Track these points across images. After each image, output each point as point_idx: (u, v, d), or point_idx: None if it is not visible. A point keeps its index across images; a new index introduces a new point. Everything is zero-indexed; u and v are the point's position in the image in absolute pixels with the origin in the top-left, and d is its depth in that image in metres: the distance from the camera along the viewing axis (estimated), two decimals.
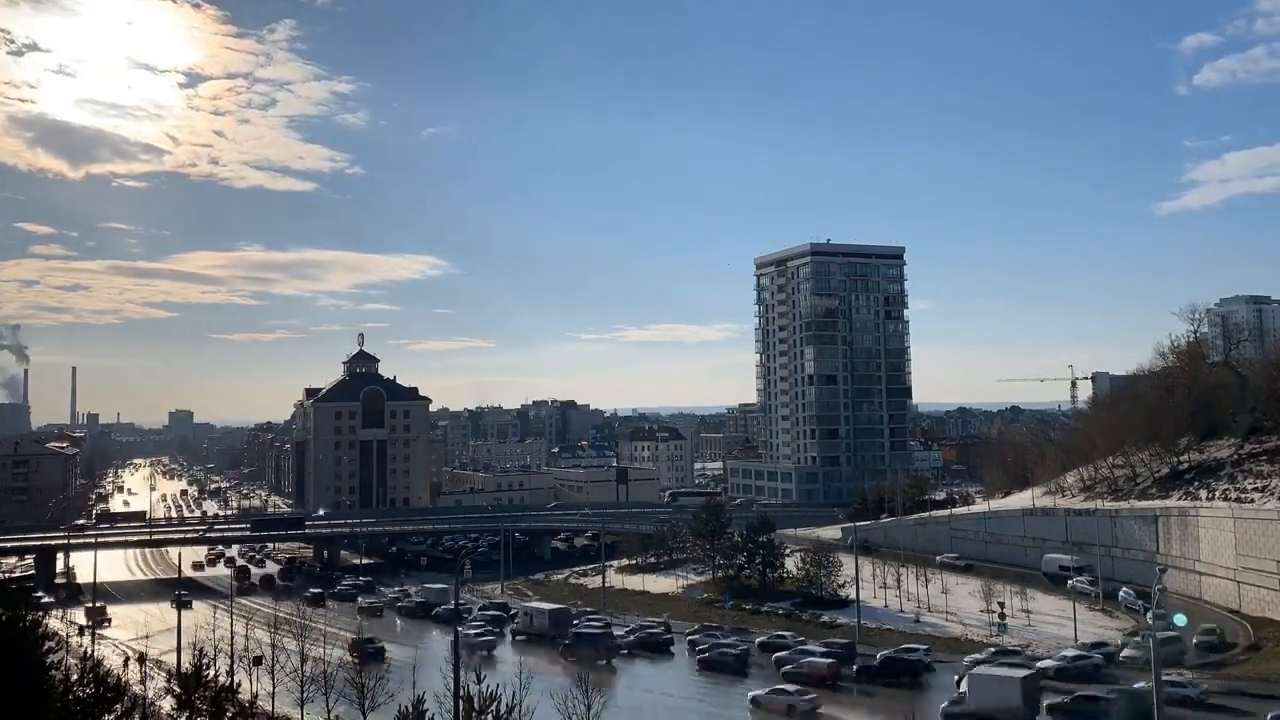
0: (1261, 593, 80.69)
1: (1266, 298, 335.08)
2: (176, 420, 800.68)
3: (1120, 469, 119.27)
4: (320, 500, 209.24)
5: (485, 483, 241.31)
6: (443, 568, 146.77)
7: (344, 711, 53.08)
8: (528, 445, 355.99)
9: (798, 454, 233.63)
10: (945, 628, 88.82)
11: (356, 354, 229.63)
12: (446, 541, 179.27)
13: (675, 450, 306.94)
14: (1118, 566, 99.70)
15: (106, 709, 41.19)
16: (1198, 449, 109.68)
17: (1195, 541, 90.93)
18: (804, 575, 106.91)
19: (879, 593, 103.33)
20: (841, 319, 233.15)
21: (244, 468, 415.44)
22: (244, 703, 50.00)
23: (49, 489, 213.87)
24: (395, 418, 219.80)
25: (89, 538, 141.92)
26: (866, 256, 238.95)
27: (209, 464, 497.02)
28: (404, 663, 66.56)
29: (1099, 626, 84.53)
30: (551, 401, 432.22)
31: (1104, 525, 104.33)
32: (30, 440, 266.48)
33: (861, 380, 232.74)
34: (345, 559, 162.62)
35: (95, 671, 44.67)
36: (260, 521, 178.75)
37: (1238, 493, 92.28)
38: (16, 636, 41.01)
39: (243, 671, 60.14)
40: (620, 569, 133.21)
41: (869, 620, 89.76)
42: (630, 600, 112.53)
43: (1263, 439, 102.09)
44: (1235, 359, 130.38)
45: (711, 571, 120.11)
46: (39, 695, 38.46)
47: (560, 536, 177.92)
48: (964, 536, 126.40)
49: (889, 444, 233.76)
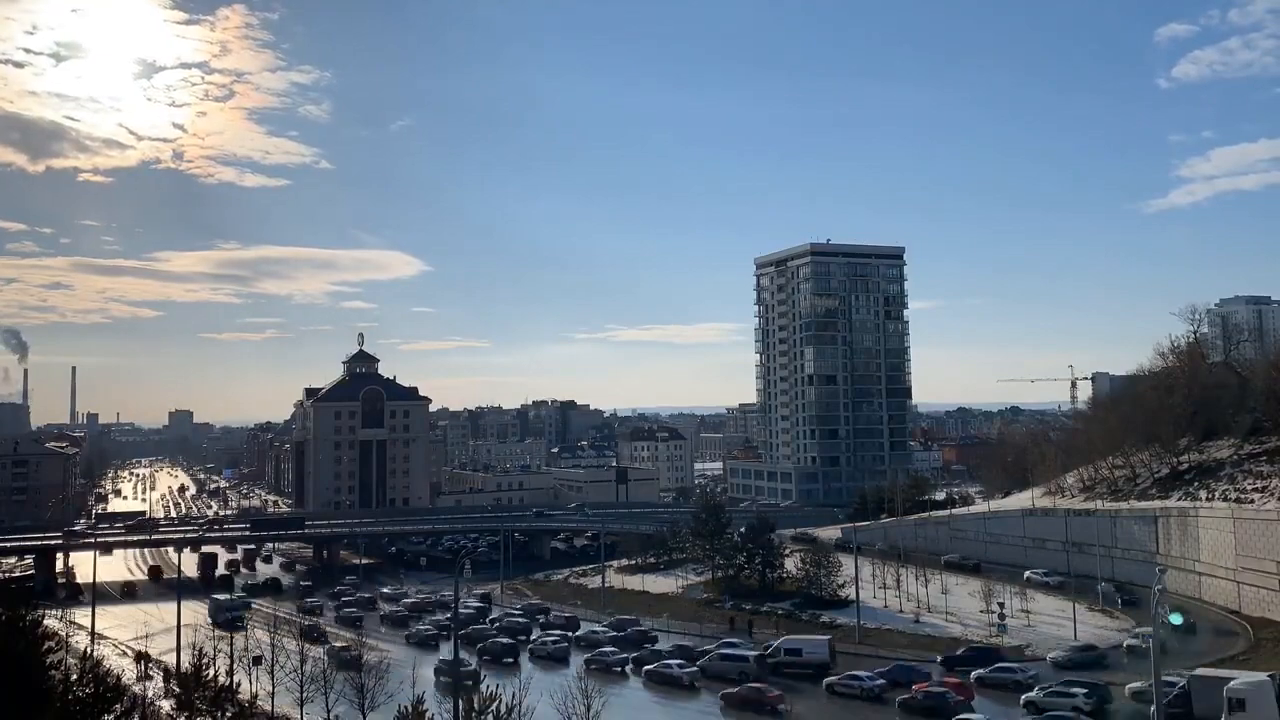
0: (1261, 593, 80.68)
1: (1266, 298, 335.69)
2: (176, 420, 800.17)
3: (1120, 469, 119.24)
4: (320, 500, 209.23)
5: (485, 483, 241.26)
6: (442, 568, 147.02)
7: (344, 711, 53.09)
8: (528, 445, 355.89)
9: (797, 454, 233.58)
10: (945, 628, 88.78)
11: (356, 354, 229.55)
12: (446, 541, 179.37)
13: (675, 450, 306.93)
14: (1118, 567, 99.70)
15: (106, 709, 41.14)
16: (1198, 449, 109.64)
17: (1195, 542, 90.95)
18: (804, 575, 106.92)
19: (879, 593, 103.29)
20: (841, 319, 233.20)
21: (244, 468, 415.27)
22: (243, 702, 50.01)
23: (49, 489, 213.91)
24: (395, 418, 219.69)
25: (88, 538, 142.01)
26: (866, 256, 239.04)
27: (209, 464, 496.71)
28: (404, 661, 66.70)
29: (1098, 626, 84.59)
30: (551, 401, 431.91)
31: (1104, 526, 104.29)
32: (30, 440, 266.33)
33: (861, 380, 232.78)
34: (345, 558, 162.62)
35: (95, 671, 44.61)
36: (260, 521, 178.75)
37: (1237, 493, 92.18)
38: (16, 636, 40.96)
39: (242, 671, 60.12)
40: (620, 569, 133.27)
41: (869, 620, 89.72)
42: (630, 600, 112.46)
43: (1263, 439, 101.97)
44: (1235, 359, 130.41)
45: (711, 572, 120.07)
46: (39, 695, 38.44)
47: (560, 536, 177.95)
48: (963, 537, 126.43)
49: (889, 444, 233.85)
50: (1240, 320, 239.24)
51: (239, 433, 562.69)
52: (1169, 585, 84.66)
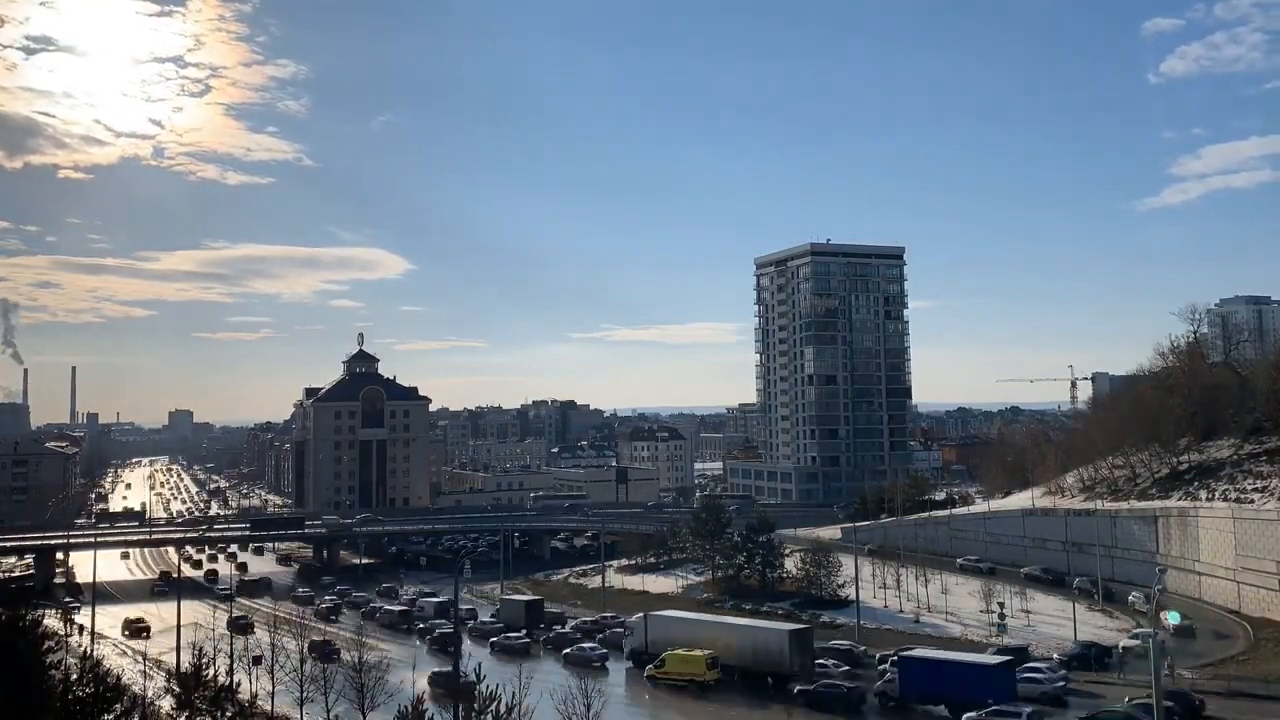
0: (1261, 593, 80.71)
1: (1266, 298, 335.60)
2: (176, 420, 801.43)
3: (1120, 469, 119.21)
4: (320, 500, 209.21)
5: (485, 483, 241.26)
6: (442, 567, 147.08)
7: (344, 711, 53.06)
8: (528, 445, 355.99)
9: (797, 454, 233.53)
10: (945, 628, 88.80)
11: (356, 353, 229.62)
12: (446, 541, 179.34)
13: (675, 450, 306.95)
14: (1117, 567, 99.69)
15: (106, 708, 41.16)
16: (1198, 449, 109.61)
17: (1195, 542, 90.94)
18: (804, 575, 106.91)
19: (879, 593, 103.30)
20: (841, 319, 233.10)
21: (244, 467, 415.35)
22: (243, 702, 49.94)
23: (49, 489, 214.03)
24: (395, 417, 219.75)
25: (88, 537, 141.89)
26: (866, 256, 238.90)
27: (209, 463, 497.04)
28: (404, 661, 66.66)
29: (1098, 626, 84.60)
30: (551, 401, 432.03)
31: (1104, 526, 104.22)
32: (30, 440, 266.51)
33: (861, 380, 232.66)
34: (345, 558, 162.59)
35: (95, 671, 44.62)
36: (260, 521, 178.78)
37: (1237, 493, 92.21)
38: (16, 636, 41.00)
39: (242, 671, 60.06)
40: (620, 569, 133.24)
41: (869, 621, 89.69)
42: (630, 600, 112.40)
43: (1263, 439, 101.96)
44: (1235, 359, 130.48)
45: (711, 571, 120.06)
46: (39, 695, 38.46)
47: (560, 536, 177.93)
48: (963, 537, 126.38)
49: (889, 444, 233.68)
50: (1240, 320, 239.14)
51: (239, 433, 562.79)
52: (1169, 585, 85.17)
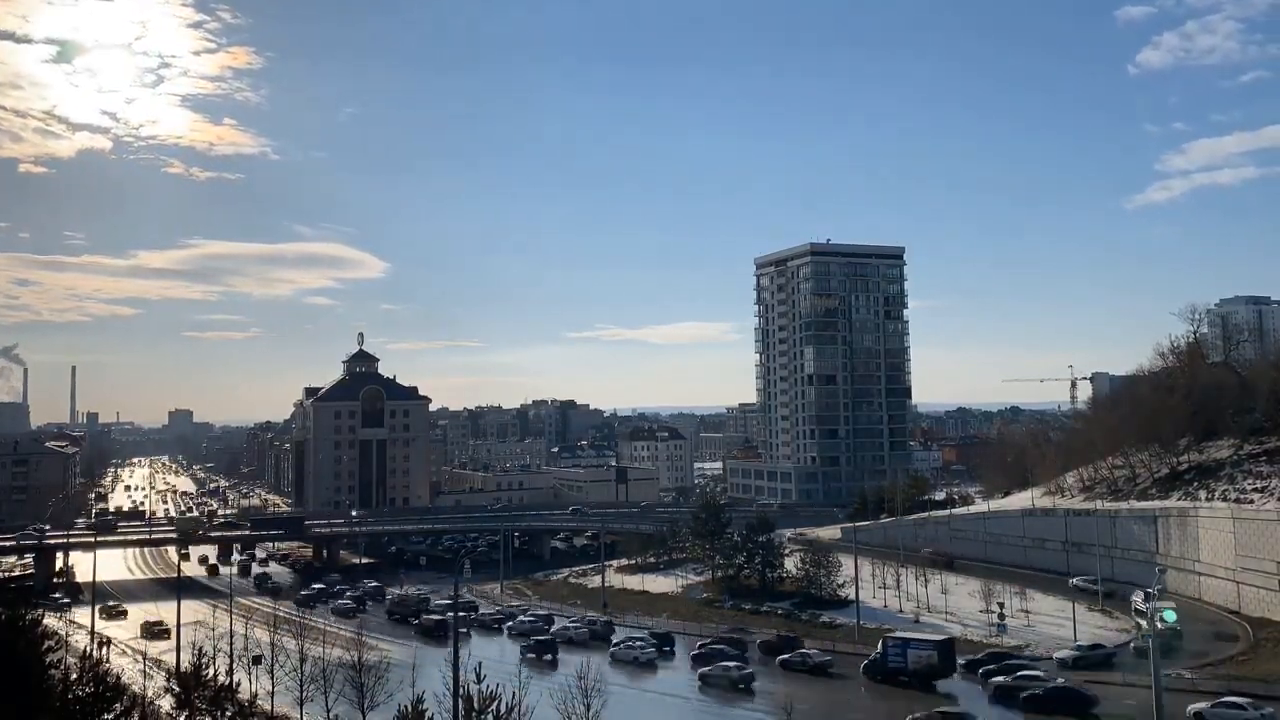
0: (1261, 593, 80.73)
1: (1266, 298, 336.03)
2: (176, 419, 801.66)
3: (1120, 469, 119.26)
4: (320, 500, 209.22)
5: (485, 482, 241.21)
6: (442, 567, 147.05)
7: (343, 711, 53.07)
8: (528, 445, 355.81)
9: (797, 454, 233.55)
10: (945, 628, 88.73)
11: (356, 353, 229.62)
12: (446, 541, 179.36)
13: (675, 450, 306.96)
14: (1117, 567, 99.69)
15: (106, 708, 41.19)
16: (1197, 449, 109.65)
17: (1195, 542, 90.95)
18: (804, 575, 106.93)
19: (879, 593, 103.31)
20: (841, 319, 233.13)
21: (244, 467, 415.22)
22: (243, 702, 49.95)
23: (49, 488, 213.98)
24: (395, 417, 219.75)
25: (88, 537, 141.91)
26: (866, 256, 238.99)
27: (209, 463, 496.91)
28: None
29: (1097, 626, 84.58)
30: (551, 401, 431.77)
31: (1103, 526, 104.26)
32: (30, 440, 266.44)
33: (861, 380, 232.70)
34: (345, 558, 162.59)
35: (95, 671, 44.64)
36: (260, 521, 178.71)
37: (1237, 493, 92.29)
38: (16, 636, 40.99)
39: (242, 671, 60.07)
40: (620, 569, 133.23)
41: (868, 620, 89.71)
42: (630, 600, 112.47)
43: (1263, 439, 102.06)
44: (1235, 359, 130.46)
45: (711, 571, 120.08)
46: (39, 694, 38.47)
47: (560, 536, 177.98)
48: (963, 537, 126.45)
49: (889, 444, 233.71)
50: (1240, 320, 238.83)
51: (239, 432, 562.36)
52: (1169, 585, 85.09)
